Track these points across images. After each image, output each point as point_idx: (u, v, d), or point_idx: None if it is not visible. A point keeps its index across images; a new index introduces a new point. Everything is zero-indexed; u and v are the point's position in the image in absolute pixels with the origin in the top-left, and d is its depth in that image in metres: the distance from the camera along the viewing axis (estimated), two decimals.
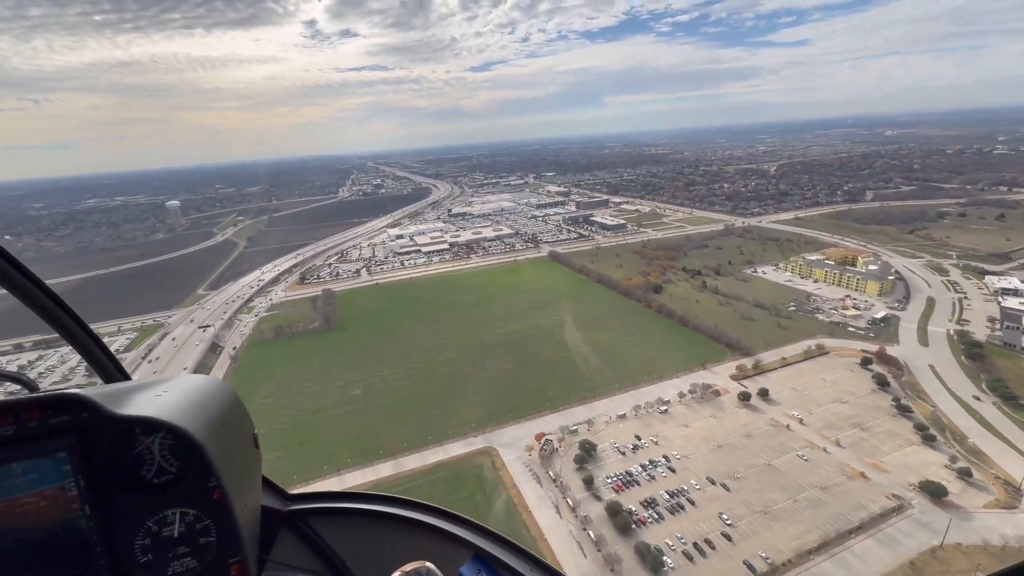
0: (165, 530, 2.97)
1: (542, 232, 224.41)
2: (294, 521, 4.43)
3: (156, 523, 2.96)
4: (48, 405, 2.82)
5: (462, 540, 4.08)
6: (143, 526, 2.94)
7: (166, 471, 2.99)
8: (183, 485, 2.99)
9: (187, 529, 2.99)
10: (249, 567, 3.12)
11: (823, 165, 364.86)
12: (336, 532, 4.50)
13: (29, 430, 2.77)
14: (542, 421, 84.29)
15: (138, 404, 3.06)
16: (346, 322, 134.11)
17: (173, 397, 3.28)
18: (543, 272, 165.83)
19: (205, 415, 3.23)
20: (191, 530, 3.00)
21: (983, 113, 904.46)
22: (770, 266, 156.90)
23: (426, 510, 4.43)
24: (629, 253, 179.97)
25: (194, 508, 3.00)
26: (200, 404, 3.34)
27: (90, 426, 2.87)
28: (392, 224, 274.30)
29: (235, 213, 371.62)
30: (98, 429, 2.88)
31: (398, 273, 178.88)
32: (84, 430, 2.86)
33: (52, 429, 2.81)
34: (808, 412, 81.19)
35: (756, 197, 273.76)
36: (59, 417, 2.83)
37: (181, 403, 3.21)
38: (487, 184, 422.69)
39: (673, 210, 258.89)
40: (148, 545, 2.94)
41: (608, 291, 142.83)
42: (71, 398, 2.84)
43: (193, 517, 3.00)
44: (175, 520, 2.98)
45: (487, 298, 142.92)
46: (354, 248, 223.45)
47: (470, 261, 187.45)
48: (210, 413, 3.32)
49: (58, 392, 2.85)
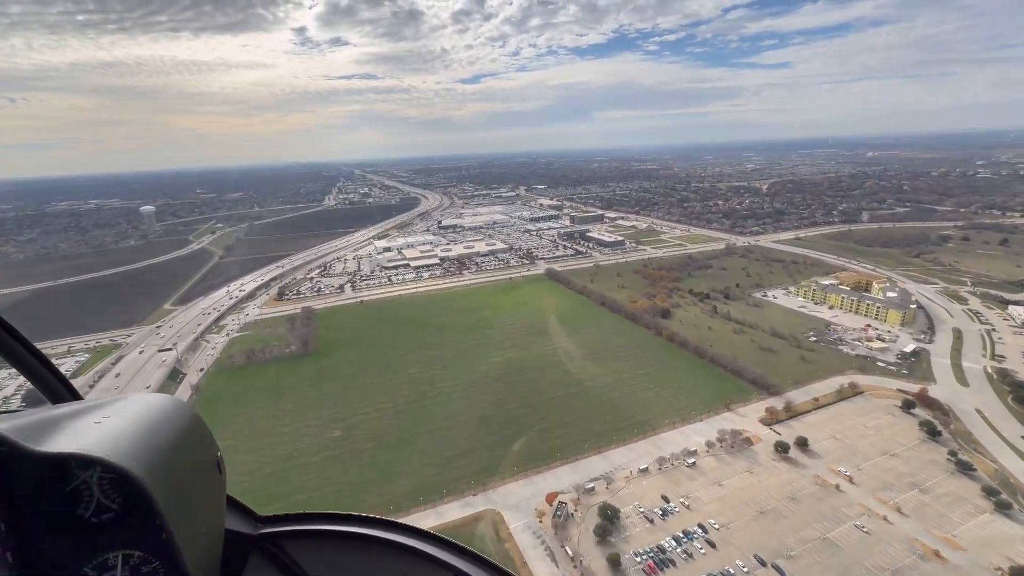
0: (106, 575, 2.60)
1: (537, 247, 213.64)
2: (265, 545, 3.98)
3: (96, 568, 2.58)
4: None
5: (442, 562, 3.82)
6: (79, 573, 2.56)
7: (107, 508, 2.57)
8: (127, 524, 2.59)
9: (132, 573, 2.61)
10: None
11: (813, 184, 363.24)
12: (311, 556, 4.05)
13: None
14: (552, 475, 72.18)
15: (72, 435, 2.67)
16: (327, 346, 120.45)
17: (116, 423, 2.88)
18: (542, 292, 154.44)
19: (154, 442, 2.84)
20: (136, 574, 2.61)
21: (956, 137, 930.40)
22: (780, 290, 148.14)
23: (405, 531, 4.07)
24: (630, 272, 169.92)
25: (140, 549, 2.61)
26: (149, 430, 2.94)
27: (9, 463, 2.48)
28: (379, 235, 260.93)
29: (214, 220, 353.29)
30: (19, 467, 2.48)
31: (385, 290, 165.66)
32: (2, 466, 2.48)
33: None
34: (856, 468, 70.65)
35: (752, 215, 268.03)
36: None
37: (125, 430, 2.81)
38: (477, 195, 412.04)
39: (670, 227, 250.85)
40: None
41: (613, 315, 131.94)
42: None
43: (139, 559, 2.61)
44: (117, 563, 2.60)
45: (483, 321, 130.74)
46: (338, 261, 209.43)
47: (462, 278, 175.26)
48: (160, 439, 2.92)
49: None
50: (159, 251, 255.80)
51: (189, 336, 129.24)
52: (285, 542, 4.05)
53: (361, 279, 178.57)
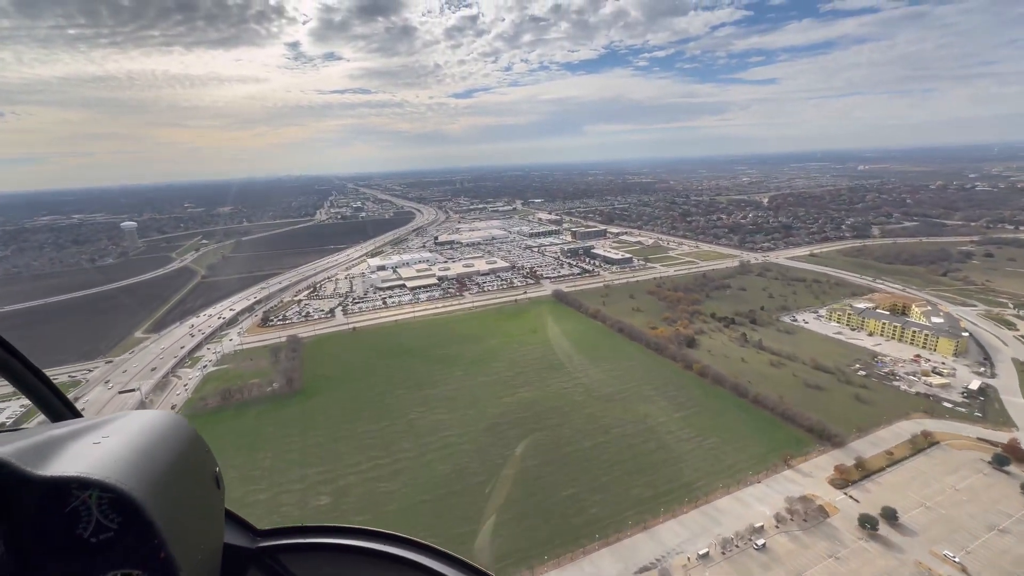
0: None
1: (541, 265, 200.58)
2: (263, 559, 4.04)
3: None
4: None
5: (439, 574, 3.83)
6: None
7: (106, 528, 2.57)
8: (125, 543, 2.59)
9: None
10: None
11: (814, 198, 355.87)
12: (308, 569, 4.10)
13: None
14: (590, 564, 57.91)
15: (70, 456, 2.68)
16: (315, 383, 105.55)
17: (114, 444, 2.89)
18: (551, 317, 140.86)
19: (152, 461, 2.87)
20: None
21: (941, 151, 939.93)
22: (809, 313, 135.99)
23: (403, 543, 4.07)
24: (644, 293, 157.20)
25: (139, 568, 2.61)
26: (147, 448, 2.96)
27: (11, 487, 2.49)
28: (373, 252, 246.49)
29: (200, 236, 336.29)
30: (19, 489, 2.49)
31: (380, 314, 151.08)
32: (4, 490, 2.49)
33: None
34: (964, 550, 57.30)
35: (759, 230, 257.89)
36: None
37: (123, 450, 2.83)
38: (474, 210, 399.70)
39: (677, 242, 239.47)
40: None
41: (633, 344, 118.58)
42: None
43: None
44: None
45: (490, 352, 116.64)
46: (329, 281, 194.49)
47: (463, 300, 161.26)
48: (159, 457, 2.95)
49: None
50: (138, 270, 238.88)
51: (158, 372, 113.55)
52: (283, 556, 4.06)
53: (353, 302, 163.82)
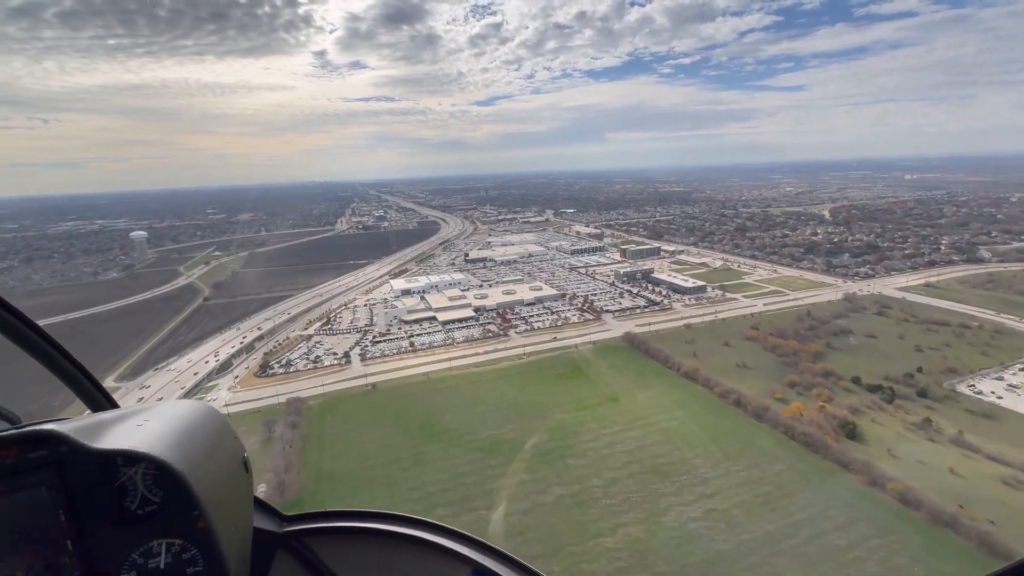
0: (151, 562, 2.81)
1: (595, 293, 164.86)
2: (290, 543, 4.21)
3: (141, 555, 2.81)
4: (25, 441, 2.68)
5: (461, 556, 3.91)
6: (128, 558, 2.79)
7: (150, 501, 2.84)
8: (168, 515, 2.84)
9: (173, 560, 2.84)
10: None
11: (884, 211, 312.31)
12: (334, 552, 4.26)
13: (7, 467, 2.64)
14: None
15: (119, 435, 2.93)
16: (316, 489, 71.72)
17: (156, 426, 3.15)
18: (632, 375, 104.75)
19: (189, 442, 3.10)
20: (177, 561, 2.85)
21: (986, 160, 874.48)
22: (991, 379, 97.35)
23: (424, 526, 4.21)
24: (739, 338, 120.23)
25: (180, 538, 2.85)
26: (184, 431, 3.20)
27: (69, 460, 2.71)
28: (396, 271, 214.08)
29: (213, 246, 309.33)
30: (77, 463, 2.72)
31: (406, 361, 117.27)
32: (63, 464, 2.71)
33: (31, 464, 2.67)
34: None
35: (838, 249, 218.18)
36: (37, 452, 2.69)
37: (164, 431, 3.08)
38: (503, 220, 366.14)
39: (748, 265, 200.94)
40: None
41: (761, 428, 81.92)
42: (47, 434, 2.71)
43: (179, 547, 2.85)
44: (161, 551, 2.84)
45: (560, 437, 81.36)
46: (346, 308, 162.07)
47: (509, 342, 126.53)
48: (195, 440, 3.18)
49: (34, 428, 2.75)
50: (138, 287, 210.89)
51: None
52: (309, 539, 4.22)
53: (374, 340, 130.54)
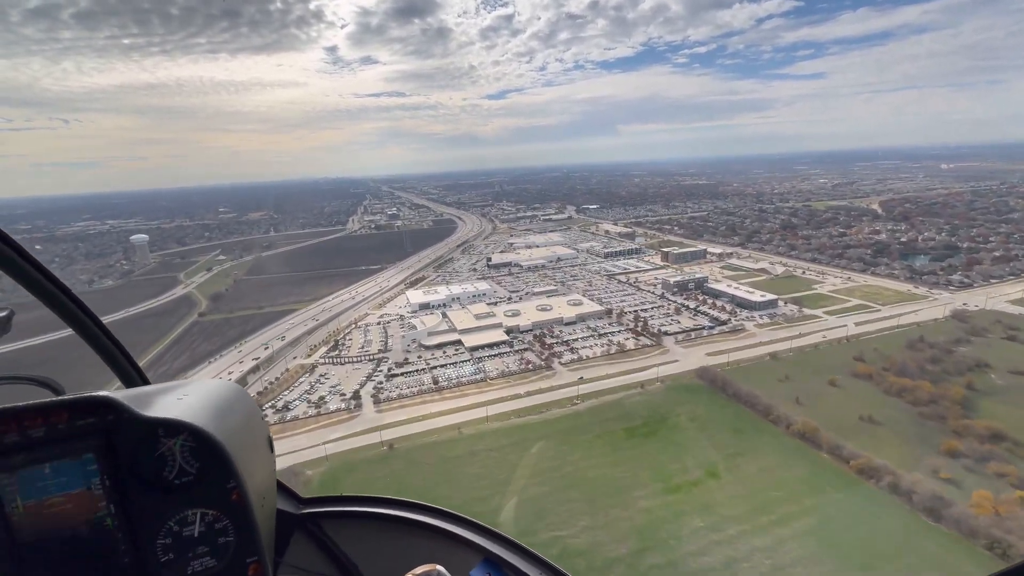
0: (186, 530, 2.89)
1: (644, 307, 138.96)
2: (307, 525, 4.29)
3: (177, 523, 2.89)
4: (76, 407, 2.74)
5: (472, 543, 3.94)
6: (165, 525, 2.87)
7: (187, 472, 2.91)
8: (203, 486, 2.92)
9: (207, 529, 2.91)
10: (266, 567, 3.06)
11: (944, 205, 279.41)
12: (348, 536, 4.34)
13: (58, 432, 2.70)
14: None
15: (160, 407, 3.01)
16: None
17: (194, 400, 3.21)
18: (723, 432, 78.63)
19: (224, 418, 3.16)
20: (211, 530, 2.92)
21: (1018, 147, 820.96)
22: None
23: (437, 514, 4.25)
24: (846, 375, 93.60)
25: (214, 508, 2.92)
26: (219, 407, 3.26)
27: (115, 428, 2.79)
28: (412, 279, 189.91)
29: (219, 249, 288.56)
30: (123, 431, 2.80)
31: (429, 407, 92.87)
32: (110, 432, 2.79)
33: (80, 431, 2.74)
34: None
35: (910, 251, 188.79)
36: (86, 419, 2.76)
37: (201, 406, 3.15)
38: (522, 218, 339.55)
39: (815, 271, 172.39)
40: (170, 544, 2.86)
41: (946, 536, 55.81)
42: (99, 400, 2.77)
43: (212, 517, 2.92)
44: (195, 520, 2.91)
45: (656, 543, 55.86)
46: (356, 328, 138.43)
47: (554, 377, 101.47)
48: (228, 416, 3.24)
49: (86, 395, 2.79)
50: (132, 298, 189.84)
51: None
52: (325, 522, 4.30)
53: (389, 373, 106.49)
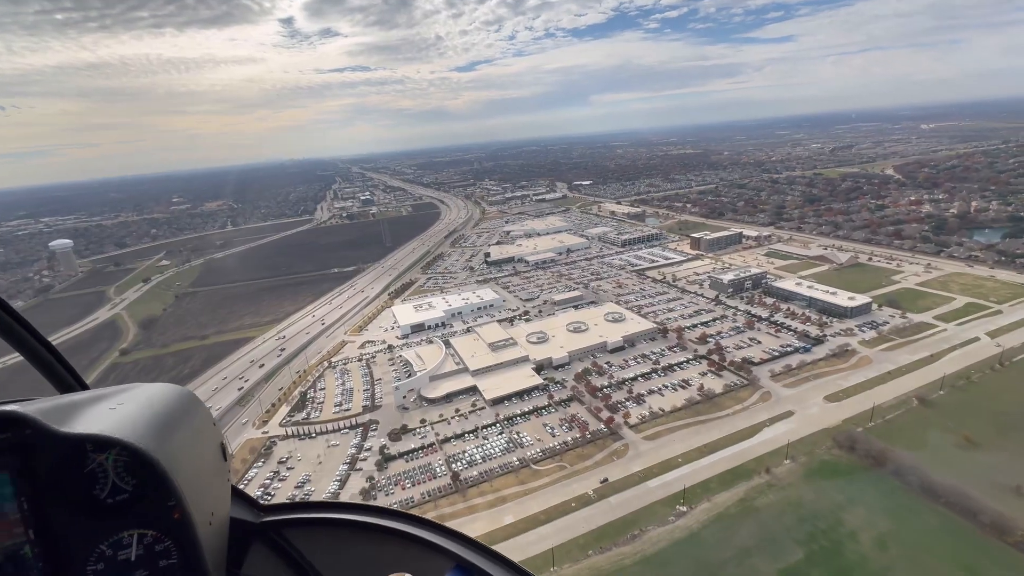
0: (121, 553, 2.60)
1: (699, 317, 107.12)
2: (267, 534, 3.94)
3: (110, 546, 2.60)
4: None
5: (443, 550, 3.71)
6: (95, 550, 2.58)
7: (121, 490, 2.61)
8: (141, 504, 2.61)
9: (145, 552, 2.62)
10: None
11: (965, 169, 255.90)
12: (312, 544, 3.99)
13: None
14: None
15: (89, 418, 2.67)
16: None
17: (129, 409, 2.90)
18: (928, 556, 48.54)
19: (165, 427, 2.86)
20: (150, 552, 2.62)
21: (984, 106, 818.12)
22: None
23: (406, 519, 3.98)
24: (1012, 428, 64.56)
25: (153, 529, 2.63)
26: (159, 415, 2.95)
27: (34, 444, 2.48)
28: (397, 285, 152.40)
29: (164, 252, 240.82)
30: (43, 447, 2.48)
31: (449, 520, 59.37)
32: (27, 448, 2.48)
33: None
34: None
35: (972, 225, 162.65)
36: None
37: (137, 415, 2.84)
38: (512, 199, 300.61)
39: (881, 256, 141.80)
40: (101, 571, 2.56)
41: None
42: (8, 416, 2.44)
43: (152, 538, 2.63)
44: (132, 542, 2.61)
45: None
46: (331, 365, 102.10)
47: (629, 457, 68.99)
48: (171, 424, 2.94)
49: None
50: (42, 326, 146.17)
51: None
52: (288, 530, 3.95)
53: (382, 457, 72.02)
